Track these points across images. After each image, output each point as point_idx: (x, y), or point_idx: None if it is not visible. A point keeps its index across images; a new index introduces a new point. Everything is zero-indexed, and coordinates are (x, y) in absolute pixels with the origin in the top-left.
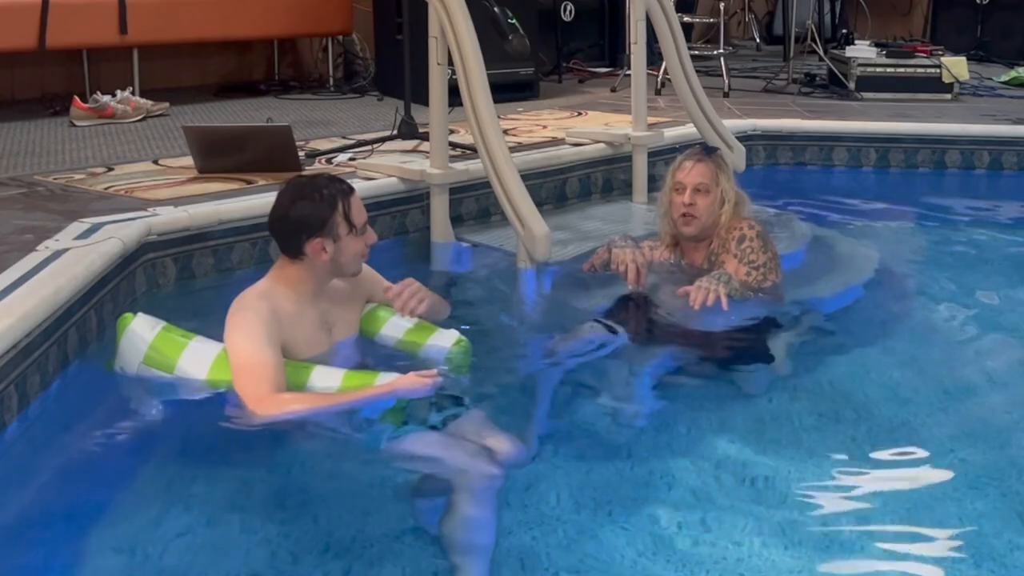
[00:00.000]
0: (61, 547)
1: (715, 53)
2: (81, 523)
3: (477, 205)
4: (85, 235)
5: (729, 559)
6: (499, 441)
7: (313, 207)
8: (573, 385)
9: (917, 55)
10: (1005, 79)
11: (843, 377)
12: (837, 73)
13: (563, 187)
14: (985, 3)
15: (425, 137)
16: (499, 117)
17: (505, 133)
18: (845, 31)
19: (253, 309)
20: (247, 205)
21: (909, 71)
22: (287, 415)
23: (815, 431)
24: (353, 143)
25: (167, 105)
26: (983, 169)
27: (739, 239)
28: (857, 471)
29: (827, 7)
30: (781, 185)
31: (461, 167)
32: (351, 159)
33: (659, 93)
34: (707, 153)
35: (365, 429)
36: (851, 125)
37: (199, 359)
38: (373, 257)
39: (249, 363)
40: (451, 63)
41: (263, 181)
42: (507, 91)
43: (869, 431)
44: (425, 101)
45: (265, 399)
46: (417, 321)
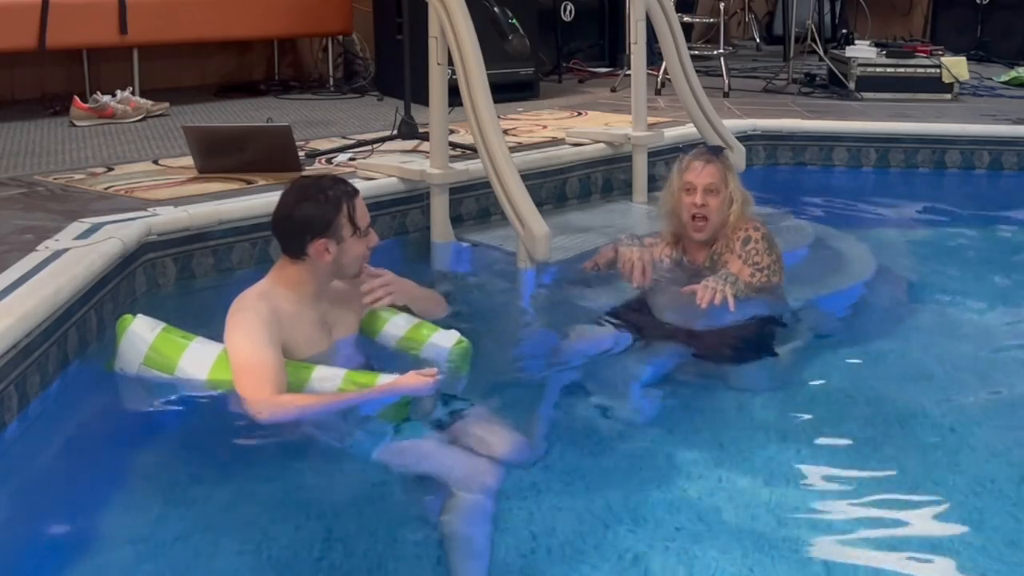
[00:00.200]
0: (61, 547)
1: (715, 53)
2: (81, 523)
3: (477, 205)
4: (85, 235)
5: (730, 559)
6: (502, 439)
7: (318, 208)
8: (575, 385)
9: (917, 55)
10: (1005, 79)
11: (844, 376)
12: (837, 73)
13: (563, 187)
14: (985, 3)
15: (425, 137)
16: (499, 117)
17: (505, 133)
18: (845, 31)
19: (253, 309)
20: (247, 205)
21: (909, 71)
22: (288, 416)
23: (817, 430)
24: (353, 143)
25: (167, 105)
26: (983, 169)
27: (744, 240)
28: (860, 470)
29: (827, 7)
30: (781, 185)
31: (461, 167)
32: (351, 159)
33: (659, 93)
34: (714, 153)
35: (366, 429)
36: (851, 125)
37: (200, 360)
38: (373, 257)
39: (250, 364)
40: (451, 63)
41: (263, 181)
42: (507, 91)
43: (871, 430)
44: (425, 101)
45: (266, 400)
46: (417, 321)
